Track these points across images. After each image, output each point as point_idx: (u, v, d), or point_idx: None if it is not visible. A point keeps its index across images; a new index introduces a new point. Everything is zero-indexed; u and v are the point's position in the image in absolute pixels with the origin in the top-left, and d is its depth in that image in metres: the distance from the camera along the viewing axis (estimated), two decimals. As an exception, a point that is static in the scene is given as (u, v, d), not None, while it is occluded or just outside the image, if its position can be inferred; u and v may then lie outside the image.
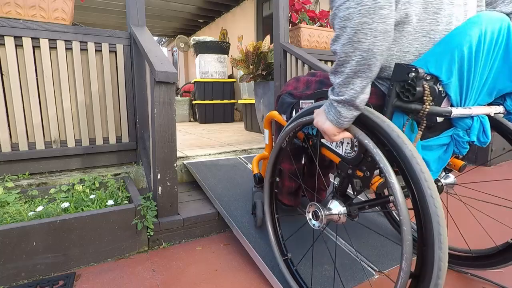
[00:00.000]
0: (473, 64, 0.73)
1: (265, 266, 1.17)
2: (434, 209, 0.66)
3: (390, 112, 0.79)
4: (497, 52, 0.77)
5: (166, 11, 6.16)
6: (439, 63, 0.73)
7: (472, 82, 0.75)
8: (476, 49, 0.72)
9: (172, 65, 1.45)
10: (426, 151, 0.79)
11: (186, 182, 2.04)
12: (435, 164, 0.81)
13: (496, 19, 0.75)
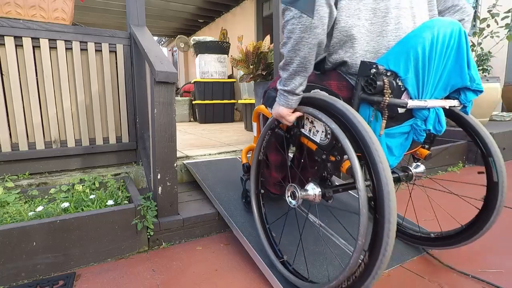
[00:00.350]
0: (427, 62, 0.84)
1: (265, 266, 1.17)
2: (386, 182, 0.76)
3: (357, 103, 0.91)
4: (449, 53, 0.88)
5: (166, 11, 6.16)
6: (397, 61, 0.84)
7: (427, 78, 0.87)
8: (429, 50, 0.83)
9: (172, 65, 1.45)
10: (389, 138, 0.91)
11: (186, 182, 2.04)
12: (398, 150, 0.92)
13: (448, 23, 0.86)
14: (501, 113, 3.87)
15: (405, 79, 0.84)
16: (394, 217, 0.76)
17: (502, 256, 1.33)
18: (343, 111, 0.86)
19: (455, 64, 0.91)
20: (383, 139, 0.89)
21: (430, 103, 0.88)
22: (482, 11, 3.78)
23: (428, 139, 1.12)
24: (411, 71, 0.84)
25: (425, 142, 1.13)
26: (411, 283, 1.16)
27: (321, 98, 0.93)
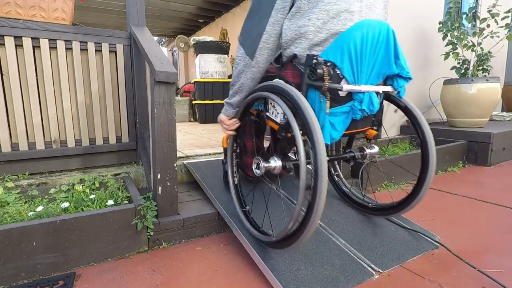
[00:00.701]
0: (360, 55, 1.03)
1: (265, 266, 1.17)
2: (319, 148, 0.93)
3: (305, 88, 1.10)
4: (379, 47, 1.08)
5: (166, 11, 6.16)
6: (335, 54, 1.04)
7: (361, 67, 1.06)
8: (360, 45, 1.02)
9: (172, 65, 1.45)
10: (332, 116, 1.09)
11: (186, 182, 2.04)
12: (339, 126, 1.11)
13: (376, 24, 1.05)
14: (501, 113, 3.87)
15: (341, 68, 1.03)
16: (325, 175, 0.94)
17: (502, 256, 1.33)
18: (291, 94, 1.04)
19: (384, 56, 1.10)
20: (327, 117, 1.07)
21: (363, 88, 1.07)
22: (482, 11, 3.78)
23: (376, 122, 1.28)
24: (346, 61, 1.03)
25: (373, 124, 1.28)
26: (411, 283, 1.16)
27: (277, 85, 1.12)
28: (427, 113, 3.73)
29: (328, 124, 1.08)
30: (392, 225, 1.54)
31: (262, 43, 1.12)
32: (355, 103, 1.08)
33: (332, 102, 1.06)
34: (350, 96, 1.08)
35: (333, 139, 1.10)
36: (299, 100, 1.02)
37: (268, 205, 1.54)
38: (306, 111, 0.99)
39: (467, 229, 1.60)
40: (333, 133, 1.09)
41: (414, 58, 3.48)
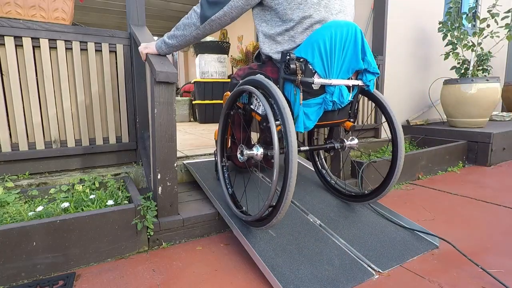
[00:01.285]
0: (329, 52, 1.15)
1: (264, 266, 1.17)
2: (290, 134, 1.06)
3: (281, 82, 1.23)
4: (348, 46, 1.19)
5: (166, 11, 6.16)
6: (306, 51, 1.16)
7: (331, 63, 1.17)
8: (329, 43, 1.14)
9: (172, 65, 1.45)
10: (307, 107, 1.20)
11: (186, 182, 2.04)
12: (313, 116, 1.22)
13: (344, 24, 1.17)
14: (501, 113, 3.87)
15: (312, 63, 1.15)
16: (295, 159, 1.06)
17: (502, 256, 1.33)
18: (268, 87, 1.17)
19: (353, 54, 1.21)
20: (301, 108, 1.19)
21: (334, 82, 1.19)
22: (482, 11, 3.78)
23: (352, 114, 1.42)
24: (317, 58, 1.14)
25: (350, 116, 1.41)
26: (411, 283, 1.16)
27: (258, 79, 1.24)
28: (427, 113, 3.74)
29: (302, 114, 1.20)
30: (392, 225, 1.54)
31: (215, 16, 1.24)
32: (327, 95, 1.20)
33: (307, 94, 1.18)
34: (323, 89, 1.20)
35: (307, 127, 1.21)
36: (274, 92, 1.14)
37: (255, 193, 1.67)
38: (280, 102, 1.10)
39: (467, 229, 1.60)
40: (307, 122, 1.21)
41: (414, 58, 3.48)
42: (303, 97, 1.18)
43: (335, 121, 1.35)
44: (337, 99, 1.20)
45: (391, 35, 3.15)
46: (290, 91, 1.21)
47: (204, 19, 1.27)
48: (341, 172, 2.11)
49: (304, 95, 1.18)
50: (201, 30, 1.30)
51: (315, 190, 1.80)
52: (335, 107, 1.24)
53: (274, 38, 1.25)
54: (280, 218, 1.15)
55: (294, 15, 1.19)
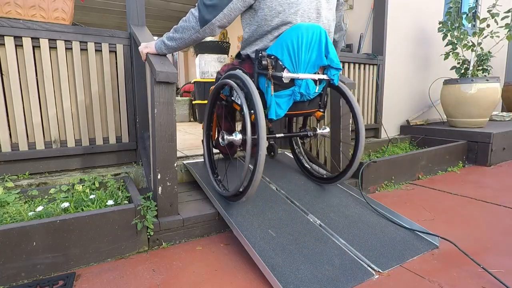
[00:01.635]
0: (296, 51, 1.31)
1: (264, 266, 1.17)
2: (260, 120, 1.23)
3: (256, 76, 1.39)
4: (313, 45, 1.36)
5: (166, 11, 6.16)
6: (276, 50, 1.33)
7: (298, 60, 1.33)
8: (296, 43, 1.30)
9: (172, 65, 1.45)
10: (278, 98, 1.37)
11: (186, 182, 2.04)
12: (284, 105, 1.39)
13: (310, 27, 1.33)
14: (501, 113, 3.87)
15: (282, 59, 1.31)
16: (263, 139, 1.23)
17: (502, 256, 1.34)
18: (243, 80, 1.33)
19: (318, 52, 1.38)
20: (273, 98, 1.36)
21: (301, 76, 1.35)
22: (482, 11, 3.78)
23: (322, 105, 1.57)
24: (285, 55, 1.31)
25: (320, 107, 1.57)
26: (411, 283, 1.16)
27: (236, 73, 1.40)
28: (427, 113, 3.74)
29: (274, 103, 1.37)
30: (392, 225, 1.54)
31: (215, 19, 1.34)
32: (295, 87, 1.37)
33: (278, 86, 1.35)
34: (293, 82, 1.37)
35: (278, 115, 1.38)
36: (248, 84, 1.30)
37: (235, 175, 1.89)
38: (252, 92, 1.27)
39: (467, 229, 1.60)
40: (278, 111, 1.38)
41: (414, 58, 3.49)
42: (275, 89, 1.35)
43: (306, 111, 1.54)
44: (304, 91, 1.37)
45: (391, 35, 3.15)
46: (263, 84, 1.38)
47: (204, 22, 1.34)
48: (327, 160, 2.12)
49: (275, 87, 1.35)
50: (201, 34, 1.38)
51: (315, 190, 1.80)
52: (304, 98, 1.41)
53: (252, 41, 1.42)
54: (253, 193, 1.34)
55: (273, 22, 1.34)
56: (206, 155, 1.75)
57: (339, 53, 2.43)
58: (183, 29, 1.39)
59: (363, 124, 1.55)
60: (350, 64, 2.91)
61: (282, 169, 2.05)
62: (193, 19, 1.36)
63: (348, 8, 3.53)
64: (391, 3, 3.08)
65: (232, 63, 1.63)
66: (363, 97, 3.08)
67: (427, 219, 1.74)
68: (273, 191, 1.74)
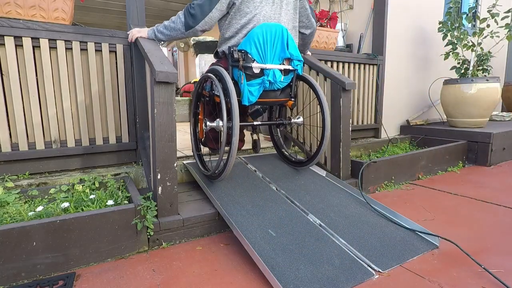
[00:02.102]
0: (262, 45, 1.57)
1: (264, 266, 1.17)
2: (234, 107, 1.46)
3: (230, 68, 1.63)
4: (277, 40, 1.61)
5: (166, 11, 6.16)
6: (246, 45, 1.58)
7: (265, 53, 1.59)
8: (262, 39, 1.57)
9: (172, 65, 1.45)
10: (250, 86, 1.61)
11: (186, 182, 2.04)
12: (256, 92, 1.62)
13: (272, 26, 1.60)
14: (501, 113, 3.87)
15: (250, 53, 1.57)
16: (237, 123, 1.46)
17: (502, 256, 1.34)
18: (220, 72, 1.58)
19: (281, 46, 1.64)
20: (246, 86, 1.59)
21: (268, 66, 1.60)
22: (482, 11, 3.78)
23: (293, 95, 1.80)
24: (253, 49, 1.56)
25: (291, 96, 1.80)
26: (411, 283, 1.16)
27: (214, 68, 1.65)
28: (427, 113, 3.74)
29: (247, 91, 1.60)
30: (392, 225, 1.54)
31: (198, 26, 1.63)
32: (264, 77, 1.61)
33: (250, 77, 1.60)
34: (262, 72, 1.61)
35: (251, 101, 1.62)
36: (223, 74, 1.54)
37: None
38: (226, 81, 1.51)
39: (467, 229, 1.60)
40: (250, 97, 1.61)
41: (414, 58, 3.49)
42: (248, 79, 1.60)
43: (279, 99, 1.77)
44: (272, 78, 1.61)
45: (391, 35, 3.15)
46: (236, 74, 1.61)
47: (188, 27, 1.64)
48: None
49: (248, 77, 1.60)
50: (185, 35, 1.68)
51: (315, 190, 1.80)
52: (273, 87, 1.65)
53: (226, 39, 1.70)
54: (229, 170, 1.56)
55: (241, 21, 1.63)
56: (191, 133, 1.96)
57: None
58: (172, 28, 1.67)
59: (329, 115, 1.79)
60: (350, 64, 2.91)
61: (281, 169, 2.05)
62: (179, 23, 1.64)
63: (348, 8, 3.53)
64: (391, 3, 3.08)
65: (213, 62, 1.87)
66: (363, 97, 3.08)
67: (427, 219, 1.74)
68: (273, 191, 1.74)
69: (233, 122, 1.45)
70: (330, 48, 2.82)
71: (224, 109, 1.47)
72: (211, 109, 1.94)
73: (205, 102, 1.91)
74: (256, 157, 2.22)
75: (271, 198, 1.66)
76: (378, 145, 3.08)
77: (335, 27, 2.87)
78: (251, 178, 1.87)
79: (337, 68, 2.83)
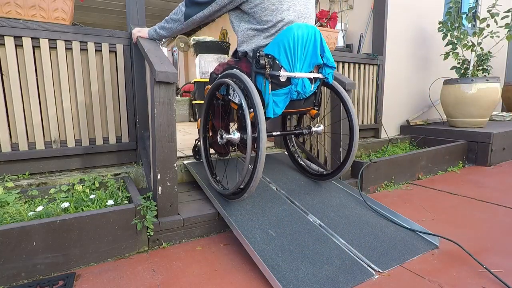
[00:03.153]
0: (293, 50, 1.36)
1: (264, 266, 1.17)
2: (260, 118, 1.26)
3: (254, 75, 1.44)
4: (308, 45, 1.41)
5: (166, 11, 6.15)
6: (274, 49, 1.37)
7: (295, 59, 1.38)
8: (293, 43, 1.35)
9: (172, 65, 1.45)
10: (276, 97, 1.41)
11: (186, 182, 2.04)
12: (281, 103, 1.42)
13: (305, 27, 1.38)
14: (501, 113, 3.87)
15: (279, 59, 1.36)
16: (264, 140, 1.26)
17: (502, 256, 1.34)
18: (242, 79, 1.35)
19: (313, 51, 1.43)
20: (271, 96, 1.39)
21: (297, 75, 1.40)
22: (482, 11, 3.78)
23: (317, 104, 1.62)
24: (282, 54, 1.35)
25: (315, 105, 1.62)
26: (411, 283, 1.16)
27: (234, 73, 1.43)
28: (427, 113, 3.74)
29: (272, 102, 1.40)
30: (392, 225, 1.54)
31: (196, 16, 1.49)
32: (292, 86, 1.41)
33: (275, 85, 1.39)
34: (289, 81, 1.41)
35: (276, 114, 1.42)
36: (247, 83, 1.32)
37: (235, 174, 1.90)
38: (252, 92, 1.29)
39: (467, 229, 1.60)
40: (275, 109, 1.42)
41: (414, 58, 3.49)
42: (273, 88, 1.39)
43: (302, 109, 1.59)
44: (301, 89, 1.42)
45: (391, 35, 3.15)
46: (261, 83, 1.41)
47: (187, 17, 1.50)
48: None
49: (273, 86, 1.39)
50: (184, 26, 1.54)
51: (315, 190, 1.80)
52: (300, 97, 1.46)
53: (251, 37, 1.46)
54: (252, 192, 1.36)
55: (268, 19, 1.40)
56: (203, 156, 1.74)
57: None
58: (172, 20, 1.55)
59: (357, 124, 1.62)
60: (350, 64, 2.91)
61: (282, 169, 2.05)
62: (180, 13, 1.51)
63: (348, 8, 3.53)
64: (391, 3, 3.08)
65: (227, 62, 1.68)
66: (363, 97, 3.08)
67: (427, 219, 1.74)
68: (273, 191, 1.74)
69: (260, 135, 1.25)
70: (330, 48, 2.82)
71: (249, 122, 1.28)
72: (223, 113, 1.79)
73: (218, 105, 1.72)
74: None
75: (271, 198, 1.66)
76: (378, 145, 3.08)
77: (335, 27, 2.87)
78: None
79: (337, 68, 2.83)
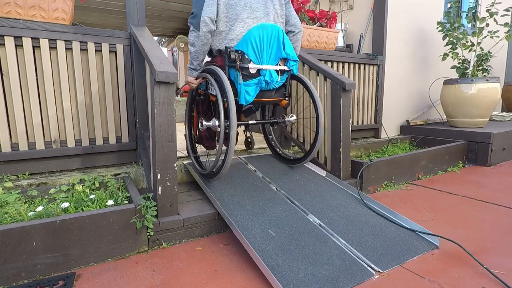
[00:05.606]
0: (259, 46, 1.58)
1: (264, 266, 1.17)
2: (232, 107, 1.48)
3: (227, 68, 1.64)
4: (273, 40, 1.62)
5: (166, 11, 6.15)
6: (242, 45, 1.59)
7: (262, 53, 1.60)
8: (259, 40, 1.57)
9: (172, 65, 1.45)
10: (247, 86, 1.61)
11: (186, 182, 2.04)
12: (252, 92, 1.62)
13: (269, 26, 1.60)
14: (501, 113, 3.87)
15: (247, 53, 1.57)
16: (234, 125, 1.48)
17: (502, 257, 1.33)
18: (217, 72, 1.58)
19: (277, 47, 1.64)
20: (242, 86, 1.59)
21: (264, 67, 1.60)
22: (482, 11, 3.78)
23: (287, 94, 1.81)
24: (250, 50, 1.57)
25: (285, 96, 1.81)
26: (411, 283, 1.16)
27: (210, 68, 1.66)
28: (427, 113, 3.74)
29: (243, 91, 1.60)
30: (392, 225, 1.54)
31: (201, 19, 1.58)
32: (261, 77, 1.61)
33: (247, 77, 1.60)
34: (259, 72, 1.61)
35: (247, 101, 1.61)
36: (220, 75, 1.56)
37: None
38: (224, 81, 1.52)
39: (467, 229, 1.60)
40: (247, 97, 1.61)
41: (414, 58, 3.49)
42: (244, 79, 1.60)
43: (273, 99, 1.78)
44: (269, 78, 1.61)
45: (391, 35, 3.15)
46: (233, 75, 1.62)
47: (196, 26, 1.59)
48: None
49: (244, 77, 1.60)
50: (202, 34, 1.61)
51: (315, 190, 1.80)
52: (269, 87, 1.66)
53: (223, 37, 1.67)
54: (227, 169, 1.57)
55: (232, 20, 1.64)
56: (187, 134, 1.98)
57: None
58: (193, 43, 1.64)
59: (322, 109, 1.82)
60: (350, 64, 2.91)
61: (282, 169, 2.05)
62: (194, 34, 1.61)
63: (348, 8, 3.53)
64: (391, 3, 3.08)
65: (206, 61, 1.85)
66: (363, 97, 3.08)
67: (427, 219, 1.74)
68: (273, 191, 1.74)
69: (231, 121, 1.47)
70: (330, 48, 2.82)
71: (222, 108, 1.50)
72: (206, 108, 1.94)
73: (200, 101, 1.92)
74: (256, 157, 2.22)
75: (271, 198, 1.66)
76: (378, 145, 3.08)
77: (334, 27, 2.87)
78: (251, 178, 1.87)
79: (337, 68, 2.83)
